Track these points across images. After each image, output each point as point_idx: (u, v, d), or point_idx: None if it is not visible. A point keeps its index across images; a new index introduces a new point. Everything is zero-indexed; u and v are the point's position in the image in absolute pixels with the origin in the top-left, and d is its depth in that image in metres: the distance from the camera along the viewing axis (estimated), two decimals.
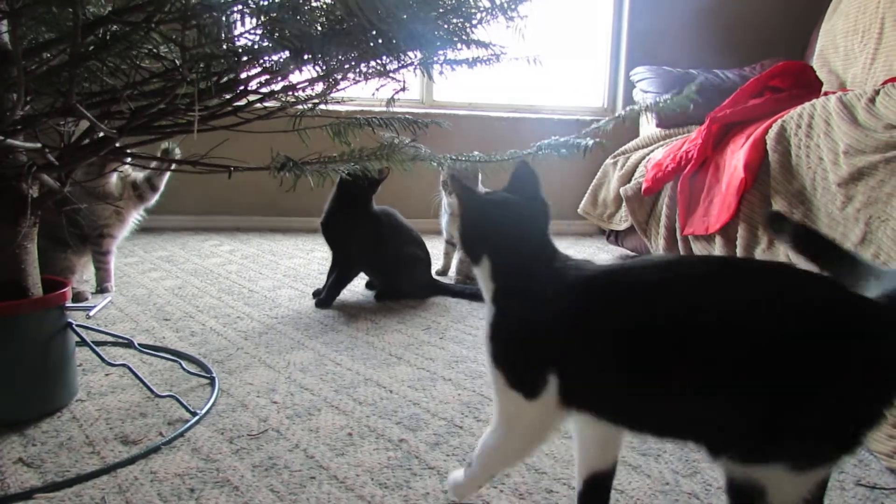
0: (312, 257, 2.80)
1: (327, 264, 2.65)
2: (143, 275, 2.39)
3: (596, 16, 3.65)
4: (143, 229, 3.19)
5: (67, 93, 0.75)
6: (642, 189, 2.33)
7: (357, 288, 2.30)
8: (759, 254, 1.73)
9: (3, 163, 1.09)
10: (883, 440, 1.19)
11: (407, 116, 1.18)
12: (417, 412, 1.33)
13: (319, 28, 0.76)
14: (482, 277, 0.90)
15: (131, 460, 1.11)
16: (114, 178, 2.02)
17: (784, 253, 1.63)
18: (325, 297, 2.08)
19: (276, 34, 0.70)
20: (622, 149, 2.80)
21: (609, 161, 2.83)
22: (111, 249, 2.14)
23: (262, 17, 0.70)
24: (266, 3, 0.70)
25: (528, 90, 3.61)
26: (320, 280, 2.40)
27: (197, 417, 1.27)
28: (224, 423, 1.26)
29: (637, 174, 2.53)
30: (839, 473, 1.14)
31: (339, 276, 2.13)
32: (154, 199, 2.20)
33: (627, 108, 1.35)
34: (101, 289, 2.13)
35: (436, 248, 2.86)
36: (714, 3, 3.50)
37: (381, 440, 1.21)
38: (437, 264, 2.53)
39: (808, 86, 2.06)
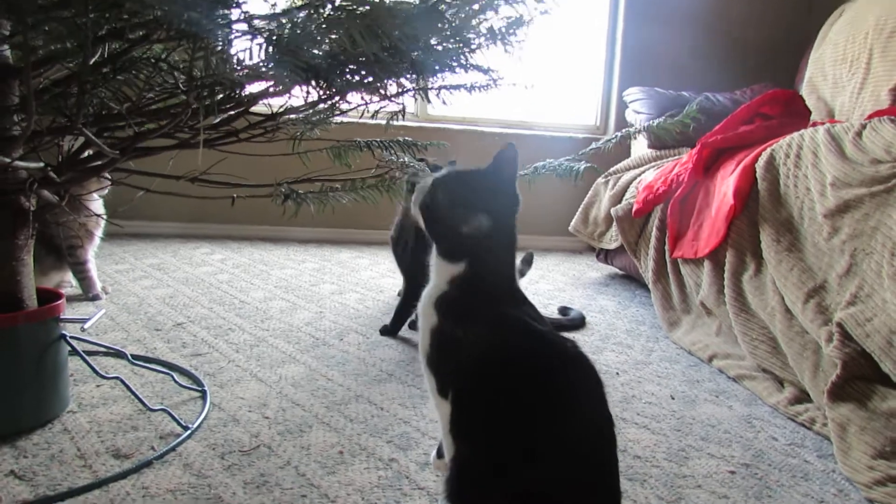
0: (304, 268, 2.81)
1: (319, 275, 2.67)
2: (134, 283, 2.38)
3: (590, 36, 3.70)
4: (134, 236, 3.21)
5: (74, 116, 0.76)
6: (633, 210, 2.36)
7: (349, 302, 2.31)
8: (747, 279, 1.76)
9: (3, 178, 1.09)
10: (862, 470, 1.21)
11: (406, 138, 1.20)
12: (408, 431, 1.35)
13: (324, 52, 0.77)
14: (443, 274, 0.93)
15: (123, 475, 1.12)
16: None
17: (772, 280, 1.67)
18: (391, 325, 1.97)
19: (286, 63, 0.72)
20: (613, 168, 2.84)
21: (600, 180, 2.86)
22: (87, 258, 2.13)
23: (273, 48, 0.72)
24: (277, 32, 0.72)
25: (522, 106, 3.64)
26: (312, 292, 2.41)
27: (189, 432, 1.27)
28: (216, 438, 1.27)
29: (628, 194, 2.56)
30: (819, 503, 1.16)
31: (405, 300, 2.01)
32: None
33: (624, 130, 1.38)
34: (92, 296, 2.12)
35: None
36: (706, 28, 3.56)
37: (371, 459, 1.23)
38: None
39: (797, 114, 2.11)
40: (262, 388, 1.52)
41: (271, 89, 0.93)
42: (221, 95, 0.92)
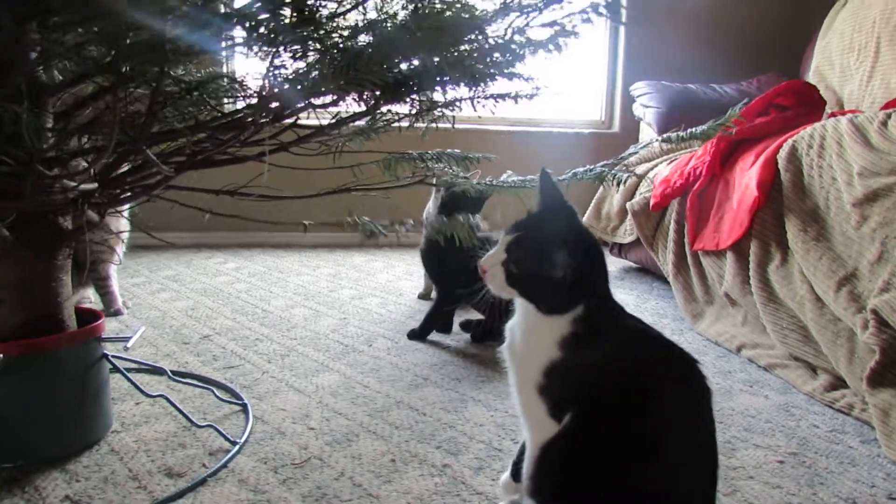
0: (320, 274, 2.80)
1: (336, 281, 2.67)
2: (153, 296, 2.37)
3: (592, 30, 3.70)
4: (145, 247, 3.19)
5: (138, 138, 0.75)
6: (651, 204, 2.37)
7: (370, 306, 2.31)
8: (773, 269, 1.77)
9: (46, 199, 1.09)
10: None
11: (457, 151, 1.21)
12: (454, 435, 1.35)
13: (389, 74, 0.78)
14: (558, 319, 0.88)
15: (180, 494, 1.11)
16: None
17: (799, 270, 1.68)
18: (420, 330, 1.98)
19: (354, 85, 0.72)
20: (624, 163, 2.84)
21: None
22: (110, 274, 2.12)
23: (345, 75, 0.72)
24: (355, 51, 0.72)
25: (527, 103, 3.64)
26: (332, 298, 2.40)
27: (238, 447, 1.27)
28: (265, 452, 1.26)
29: (642, 188, 2.57)
30: (870, 488, 1.18)
31: (437, 305, 2.00)
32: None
33: (665, 135, 1.39)
34: (114, 311, 2.11)
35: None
36: (709, 19, 3.57)
37: (424, 466, 1.23)
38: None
39: (812, 104, 2.12)
40: (301, 398, 1.52)
41: (321, 101, 0.93)
42: (286, 111, 0.92)
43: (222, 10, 0.66)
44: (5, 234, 1.03)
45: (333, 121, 1.06)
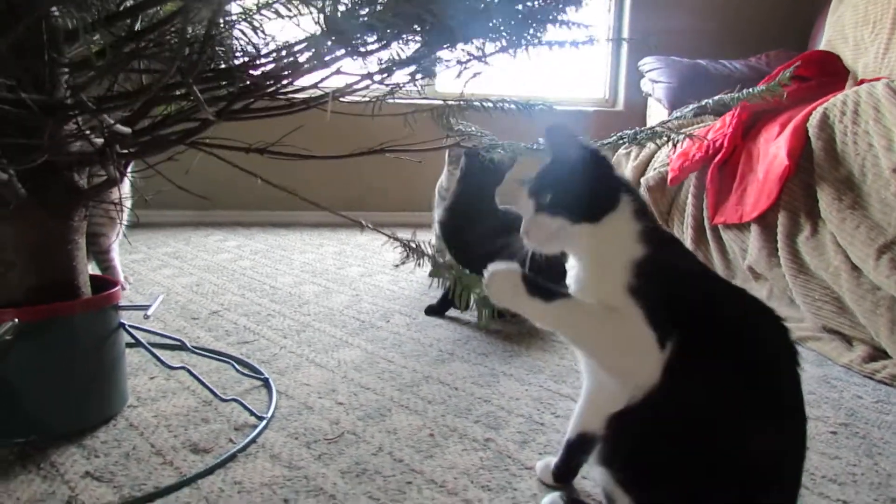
0: (325, 252, 2.72)
1: (342, 258, 2.59)
2: (154, 272, 2.27)
3: (596, 5, 3.63)
4: (141, 224, 3.06)
5: (186, 71, 0.68)
6: (668, 179, 2.32)
7: (381, 283, 2.24)
8: (803, 241, 1.73)
9: (61, 151, 0.99)
10: None
11: (516, 100, 1.14)
12: (492, 410, 1.29)
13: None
14: (624, 236, 0.83)
15: (210, 470, 1.04)
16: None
17: (832, 240, 1.64)
18: (438, 306, 1.91)
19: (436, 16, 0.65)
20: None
21: (622, 151, 2.81)
22: (112, 247, 2.02)
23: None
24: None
25: (526, 80, 3.56)
26: (340, 276, 2.32)
27: (265, 422, 1.19)
28: (295, 427, 1.19)
29: (655, 163, 2.51)
30: None
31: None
32: None
33: (706, 101, 1.32)
34: None
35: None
36: None
37: (465, 440, 1.16)
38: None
39: (834, 74, 2.08)
40: (324, 373, 1.44)
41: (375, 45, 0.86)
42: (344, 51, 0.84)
43: None
44: (19, 188, 0.94)
45: (384, 66, 0.98)
